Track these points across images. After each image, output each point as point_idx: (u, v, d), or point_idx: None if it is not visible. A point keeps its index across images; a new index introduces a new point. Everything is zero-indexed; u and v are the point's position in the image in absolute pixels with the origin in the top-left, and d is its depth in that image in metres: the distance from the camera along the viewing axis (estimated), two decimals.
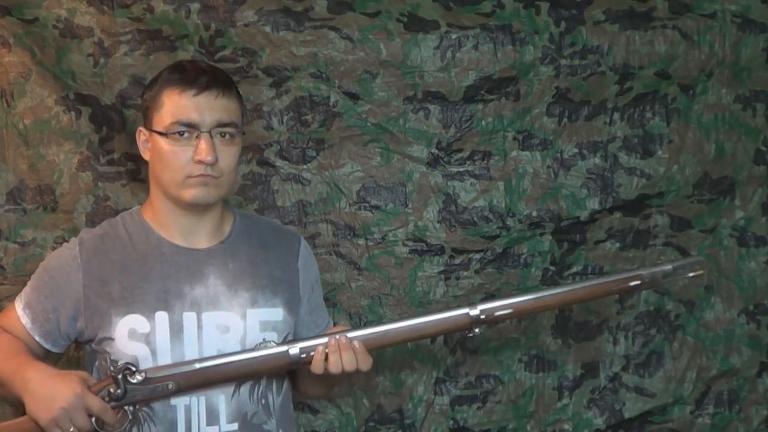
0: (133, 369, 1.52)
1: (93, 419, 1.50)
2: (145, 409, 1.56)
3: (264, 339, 1.57)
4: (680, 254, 2.32)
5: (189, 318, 1.57)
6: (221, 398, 1.58)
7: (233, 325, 1.59)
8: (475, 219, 2.29)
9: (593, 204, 2.31)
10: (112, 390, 1.51)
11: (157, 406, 1.56)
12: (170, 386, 1.53)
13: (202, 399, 1.57)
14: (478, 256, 2.29)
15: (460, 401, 2.29)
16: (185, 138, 1.56)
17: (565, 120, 2.30)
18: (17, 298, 1.66)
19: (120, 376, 1.51)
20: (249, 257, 1.64)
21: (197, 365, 1.53)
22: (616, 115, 2.31)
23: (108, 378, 1.53)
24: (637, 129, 2.31)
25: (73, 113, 2.20)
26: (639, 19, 2.28)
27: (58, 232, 2.19)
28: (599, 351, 2.32)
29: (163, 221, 1.62)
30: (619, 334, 2.32)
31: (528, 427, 2.30)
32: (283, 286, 1.66)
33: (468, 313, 1.63)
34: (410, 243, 2.28)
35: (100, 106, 2.20)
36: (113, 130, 2.21)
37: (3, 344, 1.59)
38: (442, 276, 2.29)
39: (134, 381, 1.52)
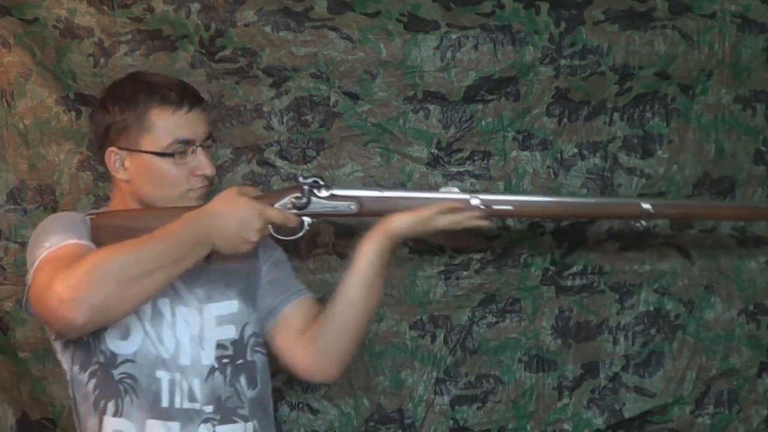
0: (321, 183, 1.62)
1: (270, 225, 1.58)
2: (127, 380, 1.58)
3: (449, 184, 1.66)
4: (680, 254, 2.32)
5: (164, 303, 1.62)
6: (196, 380, 1.61)
7: (193, 319, 1.63)
8: None
9: None
10: (296, 199, 1.60)
11: (141, 377, 1.58)
12: (352, 207, 1.63)
13: (182, 377, 1.60)
14: (478, 256, 2.29)
15: (460, 401, 2.29)
16: (181, 155, 1.62)
17: (565, 120, 2.30)
18: (58, 243, 1.56)
19: (307, 187, 1.61)
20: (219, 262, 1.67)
21: (383, 192, 1.66)
22: (616, 115, 2.31)
23: (295, 188, 1.62)
24: (637, 129, 2.31)
25: (73, 113, 2.20)
26: (639, 19, 2.28)
27: None
28: (599, 351, 2.32)
29: None
30: (619, 334, 2.32)
31: (528, 427, 2.30)
32: (238, 276, 1.68)
33: (640, 205, 1.73)
34: (410, 243, 2.27)
35: None
36: None
37: (125, 244, 1.50)
38: (442, 276, 2.29)
39: (320, 194, 1.62)
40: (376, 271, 1.64)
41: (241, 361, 1.65)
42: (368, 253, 1.62)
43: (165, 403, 1.58)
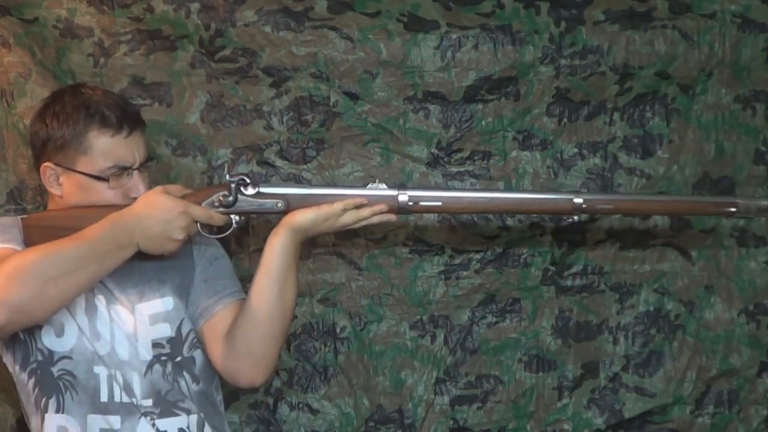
0: (248, 181, 1.59)
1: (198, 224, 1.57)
2: (66, 377, 1.58)
3: (376, 180, 1.66)
4: (680, 254, 2.32)
5: (100, 300, 1.63)
6: (134, 375, 1.61)
7: (126, 319, 1.63)
8: (475, 219, 2.29)
9: None
10: (222, 197, 1.58)
11: (79, 373, 1.59)
12: (279, 204, 1.61)
13: (119, 372, 1.60)
14: (478, 256, 2.29)
15: (460, 401, 2.29)
16: (117, 178, 1.62)
17: (565, 120, 2.30)
18: None
19: (234, 185, 1.59)
20: (137, 253, 1.65)
21: (310, 189, 1.64)
22: (616, 115, 2.31)
23: (222, 186, 1.60)
24: (637, 129, 2.31)
25: None
26: (639, 19, 2.28)
27: None
28: (599, 351, 2.32)
29: None
30: (619, 334, 2.32)
31: (528, 427, 2.30)
32: (172, 272, 1.68)
33: (572, 200, 1.68)
34: (410, 243, 2.28)
35: None
36: None
37: (47, 245, 1.52)
38: (442, 276, 2.29)
39: (246, 192, 1.59)
40: (284, 265, 1.61)
41: (179, 358, 1.65)
42: (274, 247, 1.60)
43: (104, 397, 1.59)
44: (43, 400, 1.60)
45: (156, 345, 1.63)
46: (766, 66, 2.31)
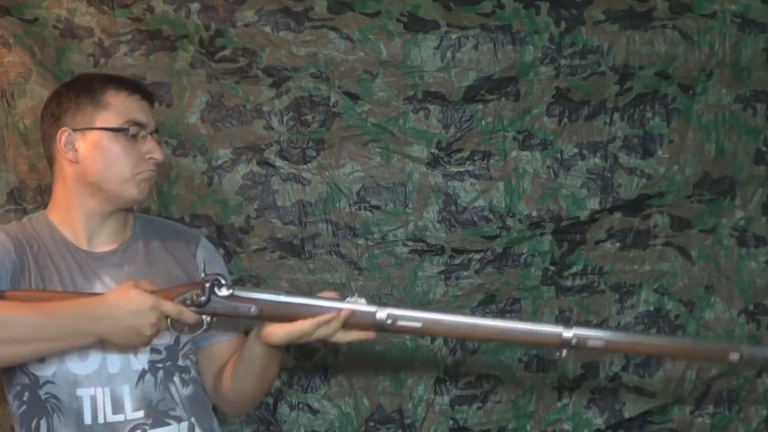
0: (222, 282, 1.57)
1: (169, 320, 1.55)
2: (52, 400, 1.59)
3: (356, 294, 1.62)
4: (680, 254, 2.32)
5: None
6: (125, 387, 1.61)
7: None
8: (475, 219, 2.29)
9: (593, 204, 2.30)
10: (195, 296, 1.56)
11: (63, 396, 1.59)
12: (252, 310, 1.57)
13: (107, 389, 1.60)
14: (478, 256, 2.29)
15: (460, 401, 2.29)
16: (132, 138, 1.64)
17: (565, 120, 2.30)
18: None
19: (208, 285, 1.56)
20: (144, 258, 1.69)
21: (284, 297, 1.59)
22: (616, 115, 2.31)
23: (196, 284, 1.58)
24: (637, 129, 2.31)
25: None
26: (639, 19, 2.28)
27: None
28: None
29: (72, 223, 1.66)
30: None
31: (528, 427, 2.30)
32: (179, 282, 1.67)
33: (561, 334, 1.59)
34: (410, 243, 2.28)
35: None
36: None
37: (9, 305, 1.51)
38: (442, 276, 2.29)
39: (220, 294, 1.57)
40: (265, 363, 1.66)
41: (171, 363, 1.66)
42: (253, 350, 1.64)
43: (87, 420, 1.59)
44: (34, 421, 1.61)
45: (153, 351, 1.63)
46: (766, 66, 2.31)
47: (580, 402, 2.31)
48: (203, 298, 1.56)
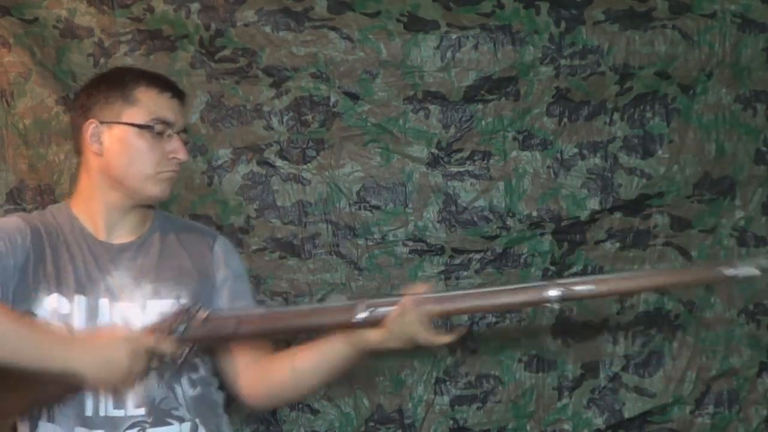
0: (197, 308, 1.57)
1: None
2: None
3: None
4: (680, 254, 2.32)
5: (104, 304, 1.62)
6: None
7: (134, 315, 1.62)
8: (475, 219, 2.29)
9: (593, 204, 2.30)
10: (173, 326, 1.56)
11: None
12: (232, 328, 1.58)
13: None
14: (478, 256, 2.29)
15: (460, 401, 2.29)
16: (158, 136, 1.64)
17: (565, 120, 2.30)
18: None
19: (183, 314, 1.57)
20: (159, 252, 1.68)
21: (260, 310, 1.61)
22: (616, 115, 2.31)
23: (171, 316, 1.57)
24: (637, 129, 2.31)
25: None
26: (639, 19, 2.28)
27: None
28: (599, 351, 2.32)
29: (92, 214, 1.67)
30: (619, 334, 2.32)
31: (528, 427, 2.30)
32: (191, 277, 1.68)
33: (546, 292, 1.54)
34: (410, 243, 2.28)
35: None
36: None
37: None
38: (442, 276, 2.28)
39: (196, 319, 1.57)
40: (339, 369, 1.65)
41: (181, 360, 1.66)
42: (344, 353, 1.62)
43: (89, 412, 1.59)
44: (35, 409, 1.61)
45: None
46: (766, 66, 2.31)
47: (580, 402, 2.31)
48: (181, 328, 1.56)
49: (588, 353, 2.32)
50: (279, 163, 2.25)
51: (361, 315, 1.56)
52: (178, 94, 1.69)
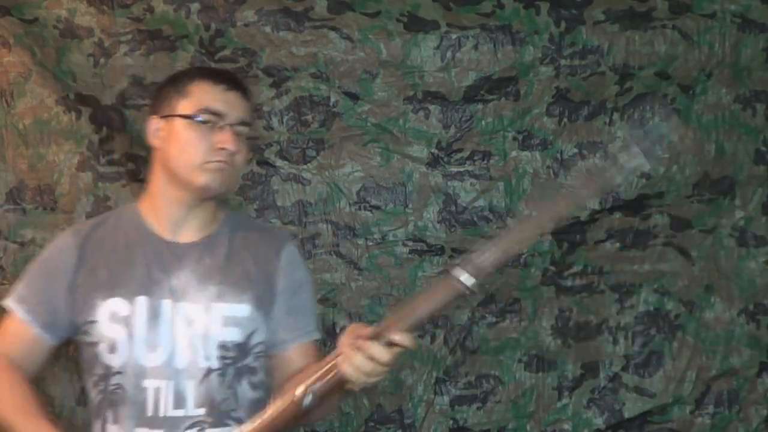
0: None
1: None
2: (119, 391, 1.60)
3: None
4: (680, 254, 2.32)
5: (166, 305, 1.62)
6: (190, 383, 1.61)
7: (198, 317, 1.63)
8: (475, 219, 2.29)
9: (593, 204, 2.30)
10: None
11: (129, 387, 1.60)
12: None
13: (172, 383, 1.60)
14: None
15: (460, 401, 2.29)
16: (208, 127, 1.63)
17: (565, 120, 2.30)
18: (10, 299, 1.66)
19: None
20: (226, 254, 1.68)
21: None
22: (616, 115, 2.31)
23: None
24: (637, 129, 2.31)
25: (73, 113, 2.20)
26: (639, 19, 2.28)
27: (58, 232, 2.18)
28: (599, 351, 2.32)
29: (157, 211, 1.67)
30: (619, 334, 2.32)
31: (528, 427, 2.30)
32: (255, 284, 1.67)
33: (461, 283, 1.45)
34: (410, 243, 2.28)
35: (100, 106, 2.20)
36: (113, 130, 2.21)
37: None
38: (442, 276, 2.28)
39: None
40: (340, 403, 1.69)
41: (242, 364, 1.66)
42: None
43: (150, 411, 1.59)
44: (104, 410, 1.63)
45: (222, 347, 1.63)
46: (766, 66, 2.32)
47: (580, 402, 2.31)
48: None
49: (588, 353, 2.32)
50: (279, 163, 2.25)
51: (308, 400, 1.50)
52: (235, 86, 1.68)
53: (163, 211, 1.67)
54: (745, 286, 2.33)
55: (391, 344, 1.43)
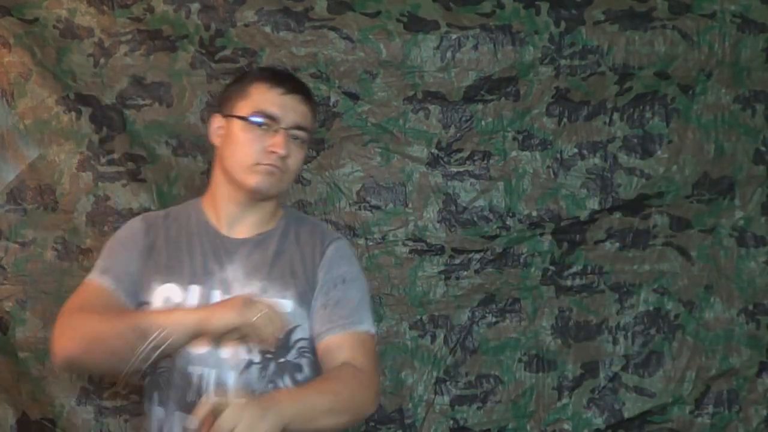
0: None
1: None
2: (166, 374, 1.67)
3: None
4: (680, 254, 2.33)
5: (216, 295, 1.68)
6: (231, 374, 1.66)
7: None
8: (475, 219, 2.29)
9: (593, 204, 2.31)
10: None
11: (176, 372, 1.66)
12: None
13: (215, 372, 1.66)
14: (478, 256, 2.29)
15: (460, 401, 2.29)
16: (263, 129, 1.68)
17: (565, 120, 2.30)
18: (90, 275, 1.72)
19: None
20: (275, 251, 1.73)
21: None
22: (615, 115, 2.31)
23: None
24: (637, 129, 2.32)
25: (73, 113, 2.20)
26: (639, 19, 2.28)
27: (59, 232, 2.19)
28: (599, 351, 2.32)
29: (216, 207, 1.75)
30: (618, 334, 2.32)
31: (528, 427, 2.30)
32: (298, 281, 1.72)
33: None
34: (410, 243, 2.28)
35: (101, 106, 2.21)
36: (113, 130, 2.21)
37: (104, 317, 1.62)
38: (442, 276, 2.29)
39: None
40: None
41: (284, 359, 1.67)
42: None
43: (191, 397, 1.64)
44: (151, 391, 1.70)
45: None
46: (766, 66, 2.32)
47: (580, 402, 2.31)
48: None
49: (588, 353, 2.32)
50: None
51: None
52: (293, 90, 1.72)
53: (221, 207, 1.74)
54: (744, 286, 2.33)
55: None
